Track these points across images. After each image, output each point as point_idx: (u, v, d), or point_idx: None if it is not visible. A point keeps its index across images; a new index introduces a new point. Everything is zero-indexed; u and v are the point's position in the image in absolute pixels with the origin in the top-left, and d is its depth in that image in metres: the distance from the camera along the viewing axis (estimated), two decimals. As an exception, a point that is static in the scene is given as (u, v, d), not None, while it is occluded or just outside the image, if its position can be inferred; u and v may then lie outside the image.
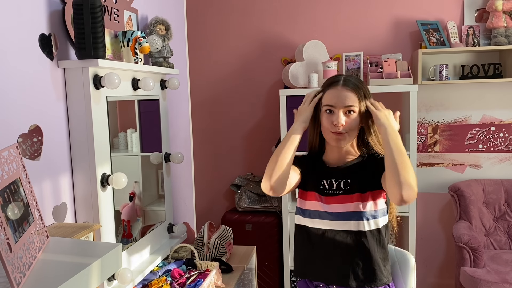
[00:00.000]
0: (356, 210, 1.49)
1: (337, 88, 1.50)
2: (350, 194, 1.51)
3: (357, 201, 1.49)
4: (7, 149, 0.98)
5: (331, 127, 1.48)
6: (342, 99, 1.48)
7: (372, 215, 1.49)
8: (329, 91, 1.52)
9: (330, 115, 1.50)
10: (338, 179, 1.55)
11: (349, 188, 1.52)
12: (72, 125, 1.46)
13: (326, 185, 1.55)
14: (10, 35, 1.24)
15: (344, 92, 1.48)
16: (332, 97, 1.50)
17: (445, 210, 3.18)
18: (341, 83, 1.51)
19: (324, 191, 1.55)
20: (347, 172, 1.54)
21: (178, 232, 2.07)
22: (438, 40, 2.89)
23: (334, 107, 1.49)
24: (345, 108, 1.48)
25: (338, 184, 1.54)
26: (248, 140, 3.39)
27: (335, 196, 1.53)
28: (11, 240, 0.86)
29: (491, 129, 3.06)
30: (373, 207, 1.50)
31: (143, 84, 1.70)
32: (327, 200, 1.53)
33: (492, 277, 2.50)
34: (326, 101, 1.51)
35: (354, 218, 1.49)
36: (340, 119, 1.47)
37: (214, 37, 3.34)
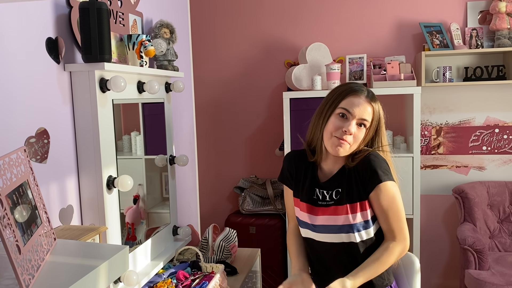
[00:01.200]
0: (345, 223, 1.46)
1: (361, 97, 1.45)
2: (340, 205, 1.47)
3: (346, 213, 1.46)
4: (15, 152, 0.99)
5: (337, 131, 1.43)
6: (362, 110, 1.43)
7: (363, 225, 1.46)
8: (350, 97, 1.45)
9: (342, 120, 1.44)
10: (330, 190, 1.51)
11: (339, 198, 1.48)
12: (78, 128, 1.47)
13: (319, 196, 1.52)
14: (18, 38, 1.25)
15: (366, 104, 1.44)
16: (352, 104, 1.44)
17: (449, 212, 3.17)
18: (366, 94, 1.46)
19: (317, 201, 1.52)
20: (339, 181, 1.50)
21: (182, 234, 2.08)
22: (441, 42, 2.89)
23: (350, 114, 1.43)
24: (360, 120, 1.44)
25: (330, 195, 1.50)
26: (252, 143, 3.40)
27: (328, 207, 1.50)
28: (20, 242, 0.87)
29: (495, 131, 3.06)
30: (362, 218, 1.46)
31: (149, 87, 1.71)
32: (320, 211, 1.51)
33: (497, 279, 2.49)
34: (344, 104, 1.44)
35: (344, 230, 1.47)
36: (351, 128, 1.42)
37: (217, 40, 3.35)
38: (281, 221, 3.03)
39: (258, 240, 2.98)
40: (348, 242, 1.48)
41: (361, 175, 1.45)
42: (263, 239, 3.00)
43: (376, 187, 1.42)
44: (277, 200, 3.12)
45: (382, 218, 1.46)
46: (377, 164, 1.44)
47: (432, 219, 3.19)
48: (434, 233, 3.19)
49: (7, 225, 0.84)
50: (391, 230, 1.45)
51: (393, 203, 1.44)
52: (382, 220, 1.46)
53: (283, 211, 3.06)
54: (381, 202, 1.43)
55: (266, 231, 3.01)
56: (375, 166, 1.44)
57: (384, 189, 1.42)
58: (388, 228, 1.46)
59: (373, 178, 1.43)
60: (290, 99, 2.82)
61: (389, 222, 1.44)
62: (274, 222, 3.02)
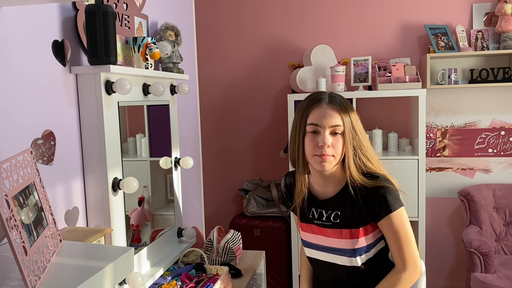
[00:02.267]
0: (347, 247, 1.45)
1: (322, 105, 1.39)
2: (340, 229, 1.45)
3: (348, 237, 1.44)
4: (22, 154, 1.00)
5: (316, 149, 1.38)
6: (329, 118, 1.37)
7: (365, 250, 1.45)
8: (313, 110, 1.39)
9: (315, 136, 1.38)
10: (329, 210, 1.48)
11: (339, 222, 1.46)
12: (84, 130, 1.48)
13: (315, 215, 1.51)
14: (24, 41, 1.26)
15: (330, 111, 1.38)
16: (317, 116, 1.38)
17: (455, 215, 3.16)
18: (327, 101, 1.40)
19: (314, 220, 1.51)
20: (337, 205, 1.47)
21: (187, 236, 2.08)
22: (446, 44, 2.89)
23: (319, 127, 1.37)
24: (331, 128, 1.37)
25: (328, 216, 1.48)
26: (256, 145, 3.40)
27: (326, 228, 1.48)
28: (26, 243, 0.87)
29: (500, 133, 3.04)
30: (365, 242, 1.44)
31: (154, 89, 1.71)
32: (317, 230, 1.50)
33: (503, 282, 2.48)
34: (310, 120, 1.39)
35: (347, 254, 1.46)
36: (326, 140, 1.36)
37: (222, 42, 3.36)
38: (285, 223, 3.03)
39: (262, 243, 2.97)
40: (350, 266, 1.48)
41: (369, 199, 1.41)
42: (268, 242, 2.99)
43: (387, 216, 1.40)
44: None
45: (392, 244, 1.43)
46: (388, 190, 1.41)
47: (437, 221, 3.18)
48: (439, 236, 3.18)
49: (14, 226, 0.85)
50: (402, 257, 1.43)
51: (403, 230, 1.41)
52: (392, 246, 1.44)
53: (288, 213, 3.06)
54: (392, 230, 1.41)
55: (270, 233, 3.01)
56: (385, 193, 1.40)
57: (394, 217, 1.40)
58: (398, 254, 1.43)
59: (384, 206, 1.40)
60: (295, 101, 2.82)
61: (400, 249, 1.42)
62: (278, 224, 3.01)
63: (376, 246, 1.49)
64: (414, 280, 1.44)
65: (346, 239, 1.44)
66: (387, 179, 1.44)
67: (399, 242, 1.41)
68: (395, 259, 1.45)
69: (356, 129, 1.41)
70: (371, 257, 1.48)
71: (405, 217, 1.42)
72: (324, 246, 1.50)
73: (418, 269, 1.44)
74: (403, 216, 1.42)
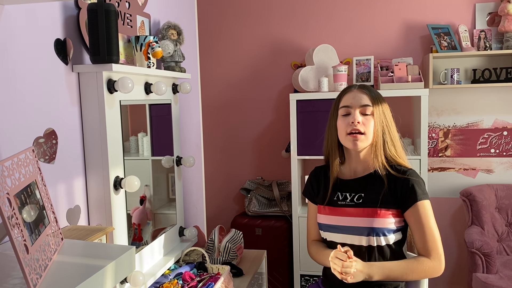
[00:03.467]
0: (366, 225, 1.49)
1: (353, 90, 1.55)
2: (362, 208, 1.51)
3: (368, 216, 1.49)
4: (23, 152, 1.00)
5: (348, 127, 1.50)
6: (358, 98, 1.51)
7: (383, 232, 1.49)
8: (345, 95, 1.56)
9: (347, 117, 1.52)
10: (353, 192, 1.55)
11: (361, 202, 1.52)
12: (86, 129, 1.48)
13: (340, 197, 1.57)
14: (26, 39, 1.26)
15: (359, 93, 1.53)
16: (347, 99, 1.54)
17: (457, 215, 3.15)
18: (357, 87, 1.56)
19: (338, 202, 1.56)
20: (362, 185, 1.54)
21: (189, 235, 2.08)
22: (449, 44, 2.88)
23: (350, 107, 1.51)
24: (361, 108, 1.50)
25: (352, 198, 1.54)
26: (258, 144, 3.40)
27: (348, 207, 1.53)
28: (28, 241, 0.87)
29: (503, 133, 3.03)
30: (384, 224, 1.48)
31: (156, 88, 1.71)
32: (340, 211, 1.54)
33: (505, 283, 2.47)
34: (342, 103, 1.55)
35: (365, 233, 1.49)
36: (357, 117, 1.49)
37: (224, 42, 3.36)
38: (287, 223, 3.03)
39: (264, 242, 2.97)
40: (367, 246, 1.50)
41: (399, 187, 1.49)
42: (269, 241, 2.99)
43: (415, 204, 1.47)
44: (283, 202, 3.12)
45: (418, 235, 1.49)
46: (418, 182, 1.49)
47: (439, 222, 3.14)
48: (441, 236, 3.13)
49: (15, 224, 0.85)
50: (426, 248, 1.47)
51: (429, 221, 1.48)
52: (418, 237, 1.49)
53: (289, 213, 3.05)
54: (418, 220, 1.47)
55: (272, 232, 3.01)
56: (415, 183, 1.49)
57: (422, 207, 1.47)
58: (423, 246, 1.48)
59: (412, 195, 1.47)
60: (297, 100, 2.82)
61: (425, 240, 1.47)
62: (280, 224, 3.01)
63: (395, 234, 1.51)
64: (436, 272, 1.47)
65: (366, 217, 1.48)
66: (417, 173, 1.53)
67: (424, 232, 1.47)
68: (420, 251, 1.49)
69: (387, 115, 1.53)
70: (388, 244, 1.50)
71: (430, 210, 1.49)
72: (343, 226, 1.53)
73: (442, 262, 1.48)
74: (429, 208, 1.49)
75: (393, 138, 1.54)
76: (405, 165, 1.54)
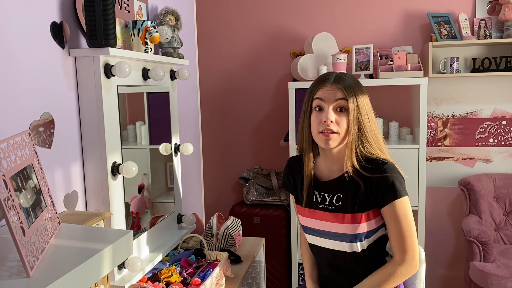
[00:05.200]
0: (349, 232, 1.44)
1: (326, 84, 1.42)
2: (342, 213, 1.45)
3: (349, 222, 1.43)
4: (19, 135, 0.99)
5: (320, 126, 1.40)
6: (332, 94, 1.40)
7: (366, 236, 1.44)
8: (320, 87, 1.43)
9: (320, 113, 1.42)
10: (331, 193, 1.48)
11: (341, 205, 1.45)
12: (83, 114, 1.47)
13: (318, 198, 1.50)
14: (22, 23, 1.24)
15: (334, 88, 1.41)
16: (322, 92, 1.42)
17: (455, 205, 3.16)
18: (332, 80, 1.43)
19: (317, 204, 1.50)
20: (340, 186, 1.46)
21: (187, 222, 2.08)
22: (449, 33, 2.86)
23: (324, 102, 1.41)
24: (335, 103, 1.40)
25: (330, 199, 1.48)
26: (257, 133, 3.39)
27: (328, 212, 1.48)
28: (24, 224, 0.87)
29: (502, 123, 3.03)
30: (367, 228, 1.44)
31: (153, 73, 1.69)
32: (320, 215, 1.49)
33: (502, 271, 2.48)
34: (316, 94, 1.43)
35: (347, 240, 1.45)
36: (330, 116, 1.38)
37: (223, 29, 3.33)
38: (285, 211, 3.03)
39: (262, 231, 2.98)
40: (350, 252, 1.47)
41: (374, 185, 1.40)
42: (267, 230, 3.00)
43: (394, 202, 1.39)
44: (282, 191, 3.12)
45: (393, 233, 1.42)
46: (395, 177, 1.40)
47: (437, 211, 3.18)
48: (439, 225, 3.18)
49: (12, 206, 0.84)
50: (402, 248, 1.41)
51: (405, 219, 1.40)
52: (393, 235, 1.42)
53: (287, 202, 3.06)
54: (394, 218, 1.40)
55: (270, 221, 3.01)
56: (393, 179, 1.40)
57: (399, 205, 1.39)
58: (398, 244, 1.42)
59: (389, 193, 1.39)
60: (296, 89, 2.80)
61: (400, 239, 1.41)
62: (278, 212, 3.02)
63: (377, 233, 1.48)
64: (410, 274, 1.43)
65: (348, 224, 1.44)
66: (395, 166, 1.43)
67: (400, 231, 1.40)
68: (394, 249, 1.43)
69: (362, 109, 1.41)
70: (371, 243, 1.47)
71: (408, 207, 1.42)
72: (326, 232, 1.50)
73: (415, 262, 1.42)
74: (406, 205, 1.41)
75: (370, 132, 1.43)
76: (382, 159, 1.43)
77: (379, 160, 1.43)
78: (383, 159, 1.43)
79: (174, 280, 1.70)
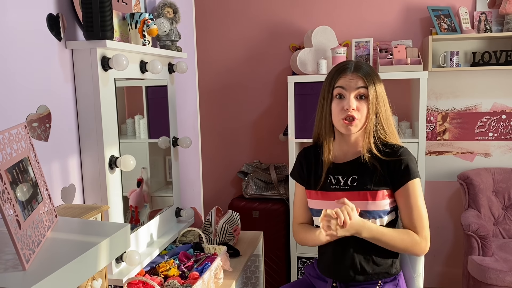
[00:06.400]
0: (362, 209, 1.47)
1: (347, 72, 1.49)
2: (357, 191, 1.49)
3: (363, 199, 1.47)
4: (15, 128, 0.98)
5: (342, 113, 1.46)
6: (355, 82, 1.46)
7: (378, 214, 1.48)
8: (340, 76, 1.49)
9: (341, 101, 1.47)
10: (346, 175, 1.52)
11: (356, 185, 1.50)
12: (80, 107, 1.46)
13: (333, 181, 1.54)
14: (18, 15, 1.23)
15: (355, 77, 1.47)
16: (343, 81, 1.48)
17: (454, 199, 3.15)
18: (352, 68, 1.49)
19: (331, 186, 1.53)
20: (355, 168, 1.51)
21: (185, 216, 2.07)
22: (449, 26, 2.84)
23: (345, 90, 1.47)
24: (357, 91, 1.46)
25: (345, 181, 1.52)
26: (256, 127, 3.38)
27: (342, 192, 1.50)
28: (20, 217, 0.86)
29: (501, 117, 3.02)
30: (379, 207, 1.47)
31: (151, 66, 1.68)
32: (332, 196, 1.51)
33: (500, 265, 2.48)
34: (338, 83, 1.49)
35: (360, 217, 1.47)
36: (352, 103, 1.45)
37: (221, 22, 3.31)
38: (284, 205, 3.03)
39: (261, 225, 2.98)
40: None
41: (392, 167, 1.47)
42: (266, 224, 3.00)
43: (407, 183, 1.46)
44: (281, 185, 3.12)
45: (406, 214, 1.48)
46: (410, 159, 1.48)
47: (436, 205, 3.17)
48: (438, 219, 3.18)
49: (7, 199, 0.83)
50: (414, 227, 1.47)
51: (418, 201, 1.47)
52: (406, 216, 1.48)
53: (286, 196, 3.05)
54: (408, 199, 1.47)
55: (269, 215, 3.01)
56: (409, 161, 1.47)
57: (413, 186, 1.47)
58: (411, 224, 1.48)
59: (406, 173, 1.46)
60: (295, 83, 2.79)
61: (413, 219, 1.47)
62: (277, 206, 3.01)
63: (389, 215, 1.51)
64: (422, 250, 1.47)
65: (362, 201, 1.47)
66: (408, 151, 1.52)
67: (413, 211, 1.46)
68: (411, 227, 1.48)
69: (379, 98, 1.48)
70: (382, 225, 1.49)
71: (420, 188, 1.49)
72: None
73: (428, 241, 1.48)
74: (419, 186, 1.49)
75: (385, 119, 1.51)
76: (396, 144, 1.52)
77: (394, 145, 1.51)
78: (397, 144, 1.52)
79: (172, 274, 1.70)
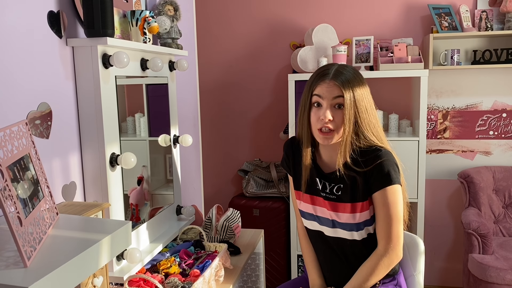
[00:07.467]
0: (348, 221, 1.45)
1: (325, 80, 1.40)
2: (342, 203, 1.46)
3: (349, 212, 1.44)
4: (16, 125, 0.98)
5: (318, 122, 1.40)
6: (330, 91, 1.38)
7: (365, 224, 1.45)
8: (319, 83, 1.41)
9: (318, 109, 1.41)
10: (332, 183, 1.48)
11: (341, 194, 1.46)
12: (81, 104, 1.46)
13: (319, 185, 1.51)
14: (19, 12, 1.23)
15: (332, 86, 1.39)
16: (320, 89, 1.40)
17: (454, 197, 3.15)
18: (331, 76, 1.40)
19: (319, 191, 1.51)
20: (342, 177, 1.45)
21: (186, 214, 2.07)
22: (450, 25, 2.84)
23: (322, 99, 1.40)
24: (333, 101, 1.38)
25: (331, 188, 1.48)
26: (256, 126, 3.38)
27: (329, 201, 1.48)
28: (21, 214, 0.86)
29: (502, 115, 3.02)
30: (365, 217, 1.44)
31: (152, 64, 1.68)
32: (322, 203, 1.50)
33: (500, 263, 2.49)
34: (315, 91, 1.42)
35: (347, 228, 1.46)
36: (327, 114, 1.38)
37: (222, 20, 3.31)
38: (284, 204, 3.03)
39: (261, 223, 2.98)
40: (351, 240, 1.48)
41: (369, 172, 1.41)
42: (267, 222, 3.00)
43: (383, 189, 1.39)
44: (281, 183, 3.12)
45: (381, 220, 1.42)
46: (389, 164, 1.40)
47: (436, 203, 3.18)
48: (438, 218, 3.18)
49: (8, 196, 0.83)
50: (387, 235, 1.42)
51: (395, 207, 1.40)
52: (380, 221, 1.43)
53: (287, 194, 3.05)
54: (384, 204, 1.40)
55: (269, 213, 3.01)
56: (387, 166, 1.39)
57: (390, 192, 1.40)
58: (384, 231, 1.42)
59: (382, 179, 1.39)
60: (296, 81, 2.79)
61: (387, 226, 1.41)
62: (277, 205, 3.01)
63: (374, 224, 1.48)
64: (394, 264, 1.45)
65: (348, 214, 1.44)
66: (389, 153, 1.43)
67: (387, 217, 1.40)
68: (379, 236, 1.44)
69: (359, 106, 1.39)
70: (371, 232, 1.48)
71: (399, 195, 1.42)
72: (326, 220, 1.50)
73: (398, 252, 1.43)
74: (397, 193, 1.41)
75: (367, 125, 1.41)
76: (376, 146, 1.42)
77: (372, 147, 1.42)
78: (377, 146, 1.42)
79: (173, 271, 1.70)
